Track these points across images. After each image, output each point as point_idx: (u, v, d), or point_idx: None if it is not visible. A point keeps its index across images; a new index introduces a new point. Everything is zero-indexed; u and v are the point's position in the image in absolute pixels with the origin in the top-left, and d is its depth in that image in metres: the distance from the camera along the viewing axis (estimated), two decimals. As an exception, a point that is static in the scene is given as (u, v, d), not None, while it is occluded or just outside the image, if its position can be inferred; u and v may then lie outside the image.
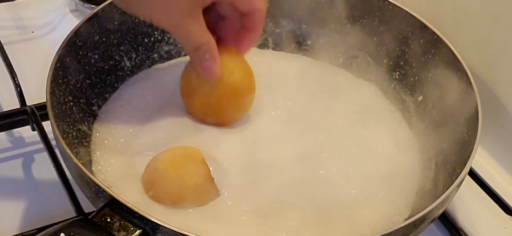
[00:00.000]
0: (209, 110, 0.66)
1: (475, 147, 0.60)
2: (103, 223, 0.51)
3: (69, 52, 0.66)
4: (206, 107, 0.66)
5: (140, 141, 0.66)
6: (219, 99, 0.65)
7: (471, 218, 0.69)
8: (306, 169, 0.65)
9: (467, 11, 0.75)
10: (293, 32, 0.81)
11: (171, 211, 0.60)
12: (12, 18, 0.93)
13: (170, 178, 0.60)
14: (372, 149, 0.68)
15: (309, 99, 0.73)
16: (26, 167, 0.71)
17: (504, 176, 0.74)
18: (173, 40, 0.77)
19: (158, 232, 0.51)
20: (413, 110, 0.73)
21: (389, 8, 0.75)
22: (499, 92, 0.73)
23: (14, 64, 0.76)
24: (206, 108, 0.66)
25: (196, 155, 0.62)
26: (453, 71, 0.69)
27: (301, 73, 0.77)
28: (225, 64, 0.64)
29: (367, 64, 0.78)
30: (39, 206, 0.67)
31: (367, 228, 0.61)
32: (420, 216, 0.54)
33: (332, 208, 0.62)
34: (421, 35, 0.73)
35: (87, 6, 0.91)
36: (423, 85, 0.73)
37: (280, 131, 0.69)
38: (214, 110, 0.66)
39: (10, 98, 0.75)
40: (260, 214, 0.61)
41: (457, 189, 0.58)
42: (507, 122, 0.73)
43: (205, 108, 0.66)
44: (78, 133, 0.65)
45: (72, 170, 0.58)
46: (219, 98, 0.65)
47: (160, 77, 0.75)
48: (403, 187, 0.65)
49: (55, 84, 0.62)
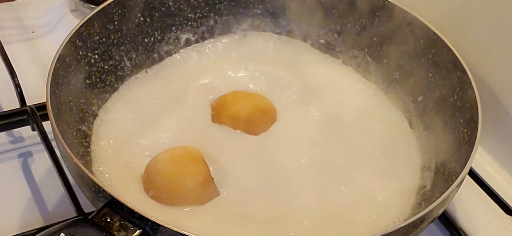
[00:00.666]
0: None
1: (475, 147, 0.60)
2: (103, 223, 0.51)
3: (69, 52, 0.66)
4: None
5: (140, 141, 0.66)
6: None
7: (471, 218, 0.69)
8: (309, 174, 0.65)
9: (467, 11, 0.75)
10: (293, 32, 0.81)
11: (171, 211, 0.60)
12: (12, 18, 0.93)
13: (170, 178, 0.60)
14: (372, 149, 0.68)
15: (310, 101, 0.73)
16: (26, 167, 0.71)
17: (504, 176, 0.74)
18: (173, 40, 0.77)
19: (158, 232, 0.51)
20: (413, 110, 0.73)
21: (389, 8, 0.75)
22: (499, 92, 0.73)
23: (14, 64, 0.76)
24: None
25: (196, 155, 0.62)
26: (453, 71, 0.69)
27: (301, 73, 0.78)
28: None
29: (367, 64, 0.78)
30: (39, 206, 0.67)
31: (367, 229, 0.61)
32: (420, 216, 0.54)
33: (331, 210, 0.62)
34: (421, 35, 0.73)
35: (87, 6, 0.91)
36: (423, 85, 0.73)
37: (284, 136, 0.69)
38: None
39: (10, 98, 0.75)
40: (259, 217, 0.61)
41: (457, 189, 0.58)
42: (507, 122, 0.73)
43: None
44: (78, 133, 0.65)
45: (72, 170, 0.58)
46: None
47: (160, 77, 0.75)
48: (403, 187, 0.65)
49: (55, 84, 0.62)
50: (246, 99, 0.70)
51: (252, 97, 0.71)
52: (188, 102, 0.71)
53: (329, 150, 0.67)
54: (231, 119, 0.68)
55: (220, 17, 0.80)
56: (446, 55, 0.70)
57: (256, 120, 0.69)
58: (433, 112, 0.70)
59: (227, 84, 0.73)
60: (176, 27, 0.78)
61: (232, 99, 0.70)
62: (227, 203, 0.61)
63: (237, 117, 0.68)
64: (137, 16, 0.74)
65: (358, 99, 0.75)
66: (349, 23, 0.78)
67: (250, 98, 0.71)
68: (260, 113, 0.69)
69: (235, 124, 0.68)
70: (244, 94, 0.71)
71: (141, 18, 0.75)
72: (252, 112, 0.69)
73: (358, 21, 0.78)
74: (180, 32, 0.78)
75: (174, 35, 0.78)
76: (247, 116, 0.68)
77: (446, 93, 0.69)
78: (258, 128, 0.68)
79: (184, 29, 0.78)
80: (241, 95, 0.71)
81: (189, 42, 0.79)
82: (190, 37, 0.78)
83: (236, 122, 0.68)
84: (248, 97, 0.71)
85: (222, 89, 0.73)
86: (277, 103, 0.72)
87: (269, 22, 0.81)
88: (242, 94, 0.71)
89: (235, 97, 0.70)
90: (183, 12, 0.78)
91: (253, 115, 0.69)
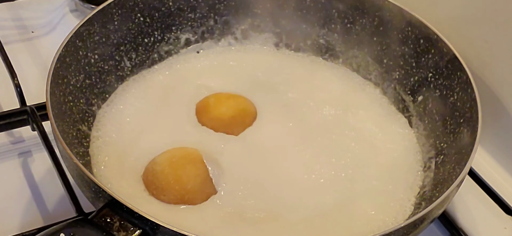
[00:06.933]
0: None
1: (475, 147, 0.60)
2: (103, 223, 0.51)
3: (69, 52, 0.66)
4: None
5: (140, 141, 0.66)
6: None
7: (471, 218, 0.69)
8: (308, 176, 0.65)
9: (467, 11, 0.75)
10: (293, 32, 0.81)
11: (171, 211, 0.60)
12: (12, 18, 0.93)
13: (169, 179, 0.60)
14: (372, 149, 0.69)
15: (310, 101, 0.73)
16: (26, 167, 0.71)
17: (504, 176, 0.74)
18: (173, 40, 0.77)
19: (158, 232, 0.51)
20: (413, 110, 0.73)
21: (389, 8, 0.75)
22: (499, 92, 0.73)
23: (14, 64, 0.76)
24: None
25: (195, 156, 0.62)
26: (453, 71, 0.69)
27: (301, 74, 0.78)
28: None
29: (367, 64, 0.78)
30: (39, 206, 0.67)
31: (367, 229, 0.61)
32: (420, 216, 0.54)
33: (331, 211, 0.62)
34: (421, 35, 0.73)
35: (87, 6, 0.91)
36: (423, 85, 0.73)
37: (283, 136, 0.69)
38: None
39: (10, 98, 0.75)
40: (258, 218, 0.61)
41: (457, 189, 0.58)
42: (507, 122, 0.73)
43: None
44: (78, 133, 0.65)
45: (72, 170, 0.58)
46: None
47: (160, 77, 0.75)
48: (403, 187, 0.65)
49: (55, 84, 0.62)
50: (227, 101, 0.70)
51: (234, 99, 0.71)
52: (189, 103, 0.71)
53: (325, 150, 0.67)
54: (212, 122, 0.68)
55: (220, 17, 0.80)
56: (446, 55, 0.70)
57: (236, 121, 0.69)
58: (433, 112, 0.70)
59: (227, 85, 0.73)
60: (176, 27, 0.78)
61: (214, 102, 0.70)
62: (226, 204, 0.61)
63: (219, 119, 0.68)
64: (137, 16, 0.74)
65: (358, 100, 0.75)
66: (349, 23, 0.78)
67: (231, 100, 0.71)
68: (239, 114, 0.69)
69: (216, 127, 0.68)
70: (223, 96, 0.71)
71: (141, 18, 0.75)
72: (233, 114, 0.69)
73: (358, 21, 0.78)
74: (180, 32, 0.78)
75: (174, 35, 0.78)
76: (229, 119, 0.68)
77: (446, 93, 0.69)
78: (238, 129, 0.68)
79: (184, 29, 0.78)
80: (222, 97, 0.71)
81: (189, 42, 0.79)
82: (190, 37, 0.78)
83: (217, 125, 0.68)
84: (230, 99, 0.71)
85: (221, 90, 0.73)
86: (272, 104, 0.72)
87: (269, 22, 0.80)
88: (218, 97, 0.71)
89: (217, 100, 0.71)
90: (183, 12, 0.78)
91: (234, 118, 0.69)
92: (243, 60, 0.79)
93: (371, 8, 0.76)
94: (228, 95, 0.71)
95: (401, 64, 0.75)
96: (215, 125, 0.68)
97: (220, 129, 0.68)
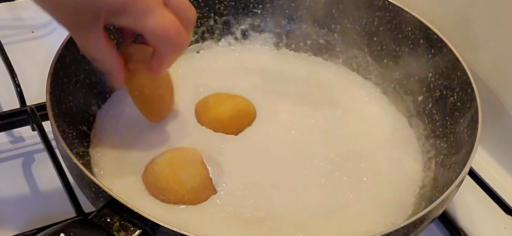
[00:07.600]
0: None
1: (475, 147, 0.60)
2: (103, 223, 0.51)
3: (69, 52, 0.66)
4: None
5: (140, 141, 0.66)
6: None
7: (471, 218, 0.69)
8: (308, 176, 0.65)
9: (468, 12, 0.75)
10: (293, 32, 0.81)
11: (171, 211, 0.60)
12: (12, 18, 0.93)
13: (169, 179, 0.60)
14: (371, 150, 0.68)
15: (310, 101, 0.73)
16: (26, 167, 0.71)
17: (504, 176, 0.74)
18: (173, 40, 0.77)
19: (158, 232, 0.51)
20: (413, 110, 0.73)
21: (389, 8, 0.75)
22: (499, 92, 0.73)
23: (14, 64, 0.76)
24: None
25: (195, 156, 0.62)
26: (453, 71, 0.69)
27: (301, 74, 0.78)
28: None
29: (367, 64, 0.78)
30: (39, 206, 0.67)
31: (367, 229, 0.61)
32: (420, 216, 0.54)
33: (331, 211, 0.62)
34: (421, 35, 0.73)
35: (87, 6, 0.91)
36: (423, 85, 0.73)
37: (283, 136, 0.69)
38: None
39: (10, 98, 0.75)
40: (258, 217, 0.61)
41: (457, 189, 0.58)
42: (507, 122, 0.73)
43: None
44: (78, 133, 0.65)
45: (72, 170, 0.58)
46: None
47: (160, 77, 0.75)
48: (403, 187, 0.65)
49: (55, 84, 0.62)
50: (226, 101, 0.70)
51: (233, 99, 0.71)
52: (188, 103, 0.71)
53: (325, 150, 0.67)
54: (212, 122, 0.68)
55: (220, 17, 0.80)
56: (446, 55, 0.70)
57: (235, 121, 0.69)
58: (433, 112, 0.70)
59: (228, 85, 0.73)
60: (176, 27, 0.77)
61: (214, 103, 0.70)
62: (225, 205, 0.61)
63: (219, 119, 0.68)
64: (137, 16, 0.74)
65: (358, 99, 0.75)
66: (349, 23, 0.78)
67: (231, 100, 0.71)
68: (239, 114, 0.69)
69: (216, 127, 0.68)
70: (221, 97, 0.71)
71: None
72: (232, 115, 0.69)
73: (358, 21, 0.78)
74: (180, 32, 0.78)
75: (174, 35, 0.77)
76: (228, 119, 0.68)
77: (446, 93, 0.69)
78: (237, 129, 0.68)
79: (184, 29, 0.78)
80: (222, 98, 0.71)
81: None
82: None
83: (216, 125, 0.68)
84: (229, 99, 0.71)
85: (221, 89, 0.73)
86: (272, 104, 0.72)
87: (269, 22, 0.81)
88: (216, 97, 0.71)
89: (216, 100, 0.70)
90: (183, 12, 0.78)
91: (233, 118, 0.69)
92: (243, 60, 0.79)
93: (371, 8, 0.76)
94: (227, 96, 0.71)
95: (401, 64, 0.75)
96: (215, 125, 0.68)
97: (220, 129, 0.68)
